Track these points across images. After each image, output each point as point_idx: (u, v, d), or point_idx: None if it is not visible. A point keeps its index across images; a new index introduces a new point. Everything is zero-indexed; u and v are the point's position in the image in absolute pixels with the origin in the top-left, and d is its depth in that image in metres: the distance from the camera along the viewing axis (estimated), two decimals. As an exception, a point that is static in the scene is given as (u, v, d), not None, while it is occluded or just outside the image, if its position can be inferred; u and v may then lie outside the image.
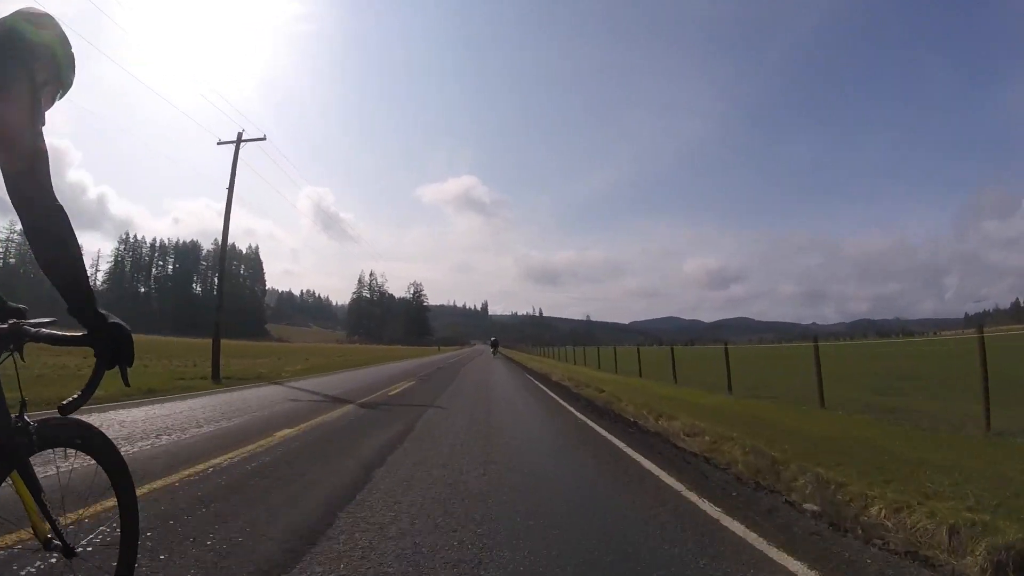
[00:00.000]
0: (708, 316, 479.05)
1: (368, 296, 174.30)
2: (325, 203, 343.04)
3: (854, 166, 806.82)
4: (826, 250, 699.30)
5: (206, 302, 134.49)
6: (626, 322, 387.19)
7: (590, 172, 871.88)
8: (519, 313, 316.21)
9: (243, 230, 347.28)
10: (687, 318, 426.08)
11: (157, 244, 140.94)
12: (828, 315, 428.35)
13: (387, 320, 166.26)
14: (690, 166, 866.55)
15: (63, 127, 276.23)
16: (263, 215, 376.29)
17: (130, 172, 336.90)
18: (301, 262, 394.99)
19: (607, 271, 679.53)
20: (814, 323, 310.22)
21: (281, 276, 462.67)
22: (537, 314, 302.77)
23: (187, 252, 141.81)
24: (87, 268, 1.19)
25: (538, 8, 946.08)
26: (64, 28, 1.30)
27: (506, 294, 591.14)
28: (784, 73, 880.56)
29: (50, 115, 1.28)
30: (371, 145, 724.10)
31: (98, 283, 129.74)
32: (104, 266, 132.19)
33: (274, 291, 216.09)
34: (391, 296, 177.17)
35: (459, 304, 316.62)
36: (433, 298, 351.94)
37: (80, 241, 1.21)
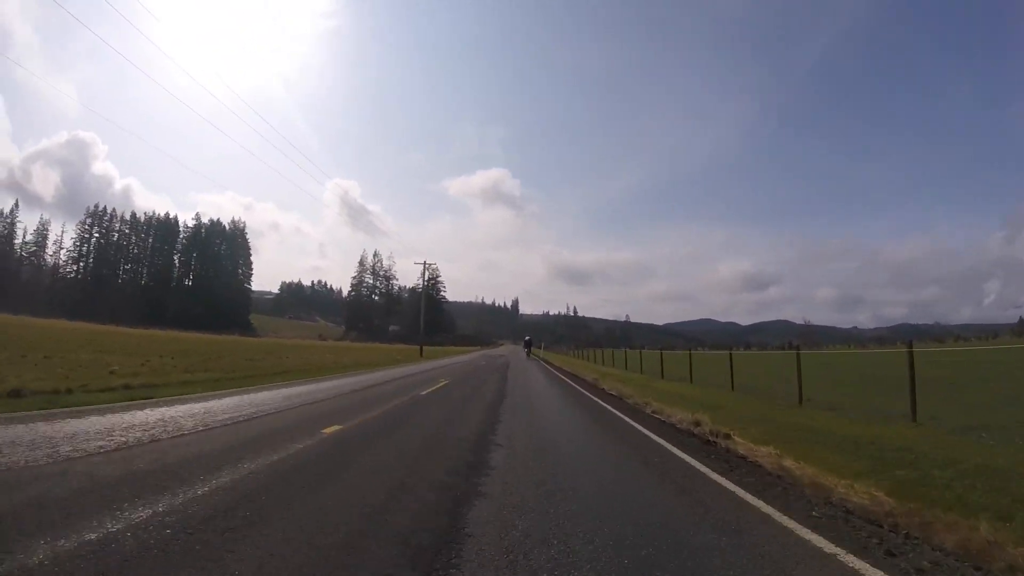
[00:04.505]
0: (744, 319, 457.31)
1: (371, 283, 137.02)
2: (351, 195, 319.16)
3: (891, 170, 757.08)
4: (862, 255, 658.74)
5: (181, 287, 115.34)
6: (660, 324, 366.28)
7: (621, 171, 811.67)
8: (551, 312, 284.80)
9: (269, 224, 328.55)
10: (722, 320, 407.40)
11: (129, 219, 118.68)
12: (864, 320, 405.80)
13: (394, 313, 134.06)
14: (721, 169, 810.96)
15: (89, 120, 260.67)
16: (289, 208, 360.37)
17: (156, 165, 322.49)
18: (329, 257, 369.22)
19: (636, 273, 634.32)
20: (855, 327, 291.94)
21: (310, 272, 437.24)
22: (572, 313, 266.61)
23: (167, 229, 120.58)
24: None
25: (573, 4, 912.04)
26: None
27: (534, 293, 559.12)
28: (819, 75, 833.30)
29: (77, 107, 0.35)
30: (397, 136, 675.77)
31: (60, 262, 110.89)
32: (68, 242, 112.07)
33: (288, 283, 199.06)
34: (402, 287, 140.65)
35: (487, 301, 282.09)
36: (459, 294, 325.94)
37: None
